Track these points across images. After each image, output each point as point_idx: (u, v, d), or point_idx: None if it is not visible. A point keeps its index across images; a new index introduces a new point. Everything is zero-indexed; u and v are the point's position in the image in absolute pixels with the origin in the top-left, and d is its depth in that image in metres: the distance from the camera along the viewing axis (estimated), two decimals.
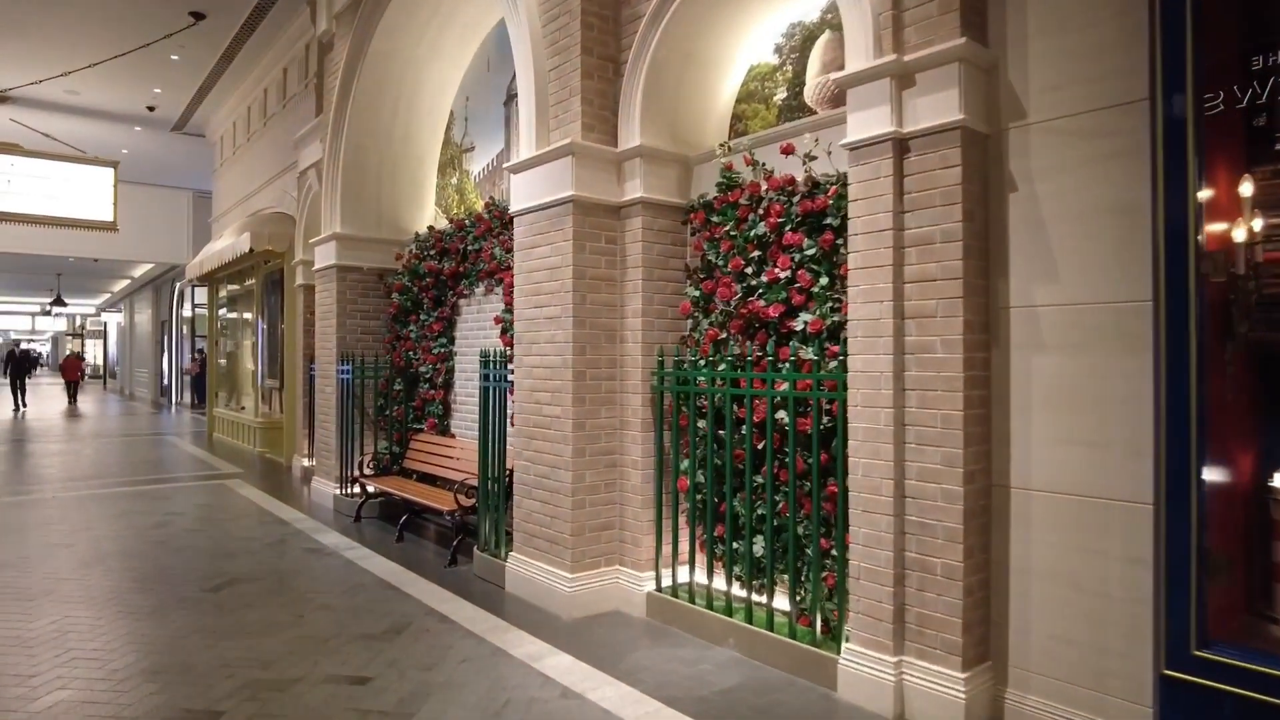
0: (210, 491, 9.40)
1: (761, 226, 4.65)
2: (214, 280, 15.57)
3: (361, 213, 8.54)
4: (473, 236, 7.27)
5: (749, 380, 4.42)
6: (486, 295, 7.29)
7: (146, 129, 16.14)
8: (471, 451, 7.14)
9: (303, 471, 10.38)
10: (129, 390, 32.24)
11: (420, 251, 8.05)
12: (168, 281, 24.88)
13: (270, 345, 13.39)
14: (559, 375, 5.10)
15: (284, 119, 12.14)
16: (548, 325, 5.21)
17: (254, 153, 13.69)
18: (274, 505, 8.55)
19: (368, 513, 7.86)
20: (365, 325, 8.57)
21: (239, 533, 7.25)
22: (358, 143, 8.37)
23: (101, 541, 6.90)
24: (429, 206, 8.92)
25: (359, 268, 8.51)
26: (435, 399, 7.89)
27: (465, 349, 7.63)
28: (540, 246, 5.28)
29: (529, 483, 5.37)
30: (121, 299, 33.47)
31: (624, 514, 5.16)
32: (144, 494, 9.17)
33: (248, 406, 14.21)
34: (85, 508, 8.34)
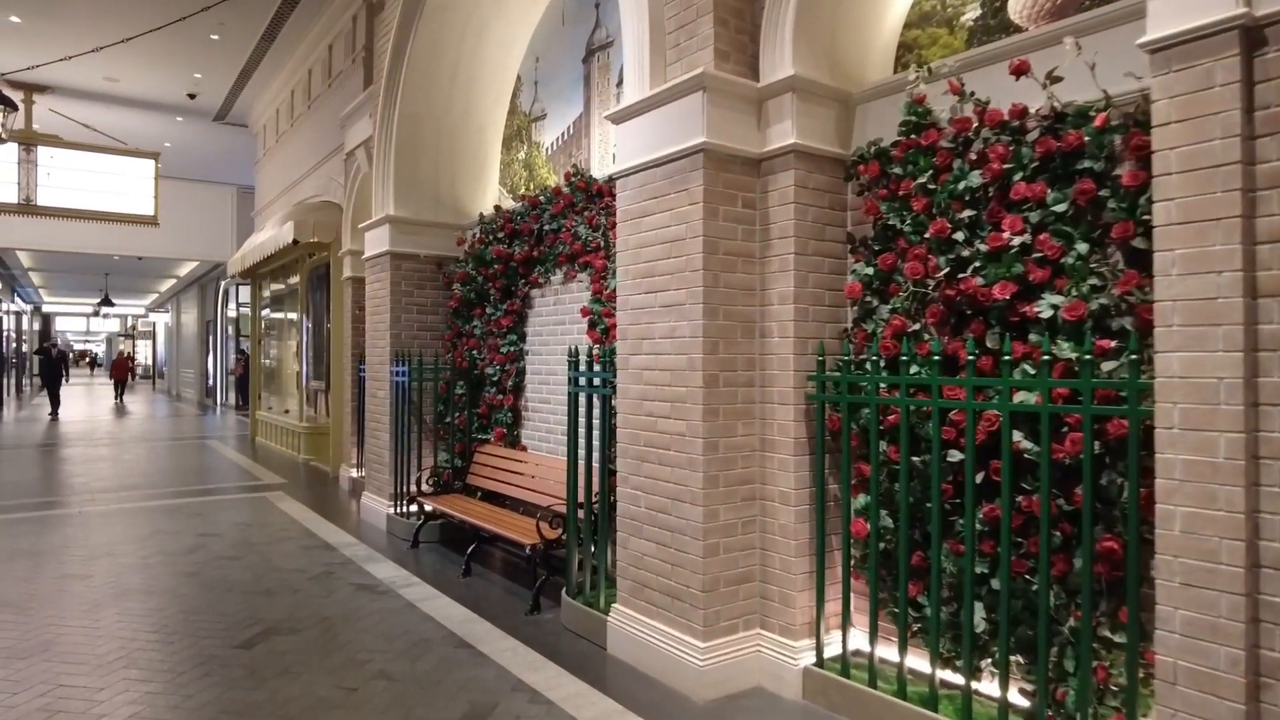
0: (250, 506, 8.32)
1: (975, 177, 3.36)
2: (256, 276, 14.62)
3: (417, 193, 7.38)
4: (549, 214, 6.07)
5: (969, 389, 3.13)
6: (566, 283, 6.08)
7: (188, 119, 15.24)
8: (548, 469, 5.94)
9: (351, 484, 9.27)
10: (176, 391, 31.73)
11: (486, 235, 6.87)
12: (212, 280, 24.16)
13: (315, 344, 12.35)
14: (683, 380, 3.85)
15: (329, 100, 11.08)
16: (665, 315, 3.96)
17: (297, 139, 12.68)
18: (320, 525, 7.43)
19: (426, 536, 6.70)
20: (422, 320, 7.42)
21: (280, 561, 6.13)
22: (412, 113, 7.21)
23: (122, 572, 5.81)
24: (492, 186, 7.74)
25: (415, 255, 7.35)
26: (503, 405, 6.70)
27: (539, 347, 6.43)
28: (655, 214, 4.04)
29: (639, 517, 4.14)
30: (168, 299, 33.00)
31: (768, 563, 3.90)
32: (178, 509, 8.12)
33: (292, 410, 13.20)
34: (111, 526, 7.30)
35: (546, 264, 6.19)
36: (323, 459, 11.35)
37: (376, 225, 7.47)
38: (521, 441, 6.64)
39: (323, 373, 12.36)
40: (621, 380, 4.27)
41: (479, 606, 5.08)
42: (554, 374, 6.24)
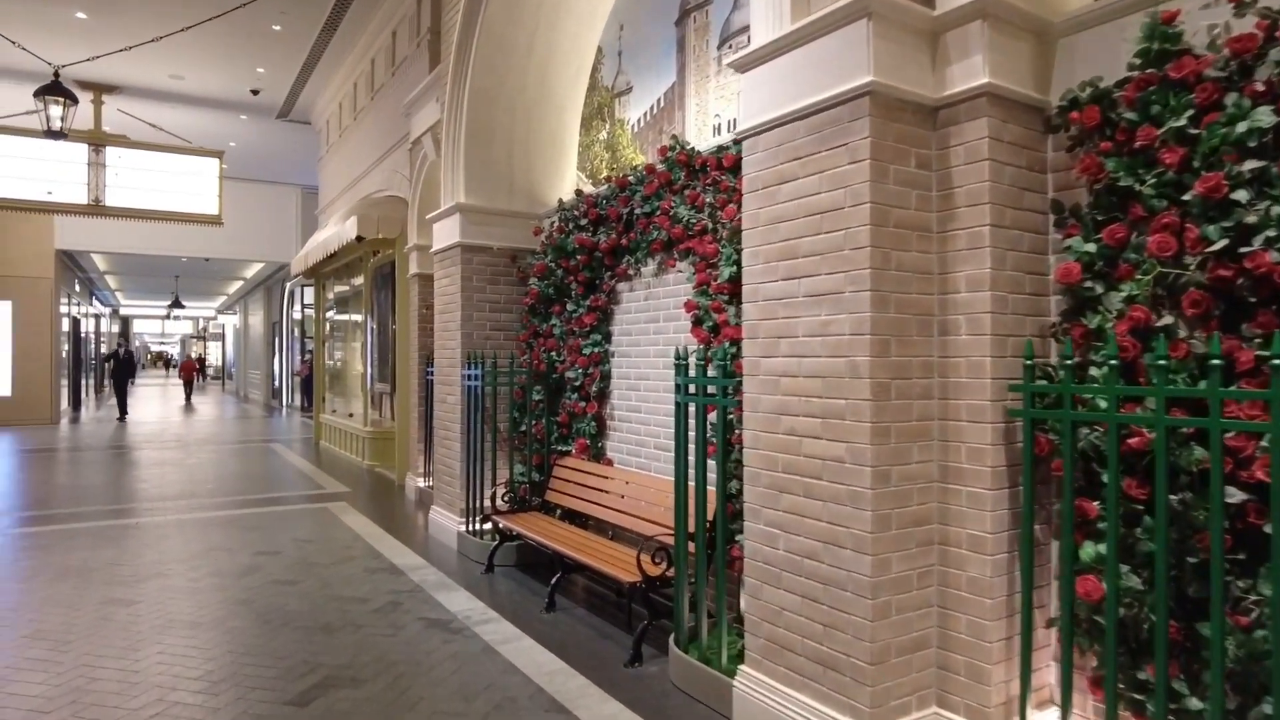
0: (312, 520, 7.70)
1: (1265, 114, 2.43)
2: (320, 276, 14.16)
3: (489, 180, 6.64)
4: (640, 196, 5.25)
5: (1277, 405, 2.19)
6: (661, 274, 5.25)
7: (252, 117, 14.88)
8: (640, 488, 5.12)
9: (418, 494, 8.61)
10: (243, 392, 31.92)
11: (566, 223, 6.08)
12: (278, 282, 24.03)
13: (380, 345, 11.77)
14: (840, 390, 2.99)
15: (393, 89, 10.46)
16: (814, 307, 3.10)
17: (360, 133, 12.13)
18: (385, 543, 6.74)
19: (502, 559, 5.95)
20: (495, 319, 6.67)
21: (342, 587, 5.43)
22: (484, 90, 6.48)
23: (170, 597, 5.18)
24: (570, 170, 6.97)
25: (487, 247, 6.61)
26: (585, 413, 5.90)
27: (627, 348, 5.62)
28: (799, 179, 3.18)
29: (776, 561, 3.28)
30: (236, 301, 33.25)
31: (950, 625, 3.00)
32: (237, 522, 7.53)
33: (356, 414, 12.67)
34: (166, 541, 6.72)
35: (637, 253, 5.37)
36: (388, 465, 10.75)
37: (445, 215, 6.76)
38: (607, 454, 5.83)
39: (387, 375, 11.78)
40: (750, 389, 3.42)
41: (568, 652, 4.28)
42: (645, 379, 5.42)
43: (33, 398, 17.78)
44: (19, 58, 11.82)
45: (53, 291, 18.02)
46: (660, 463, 5.24)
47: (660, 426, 5.25)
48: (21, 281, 17.63)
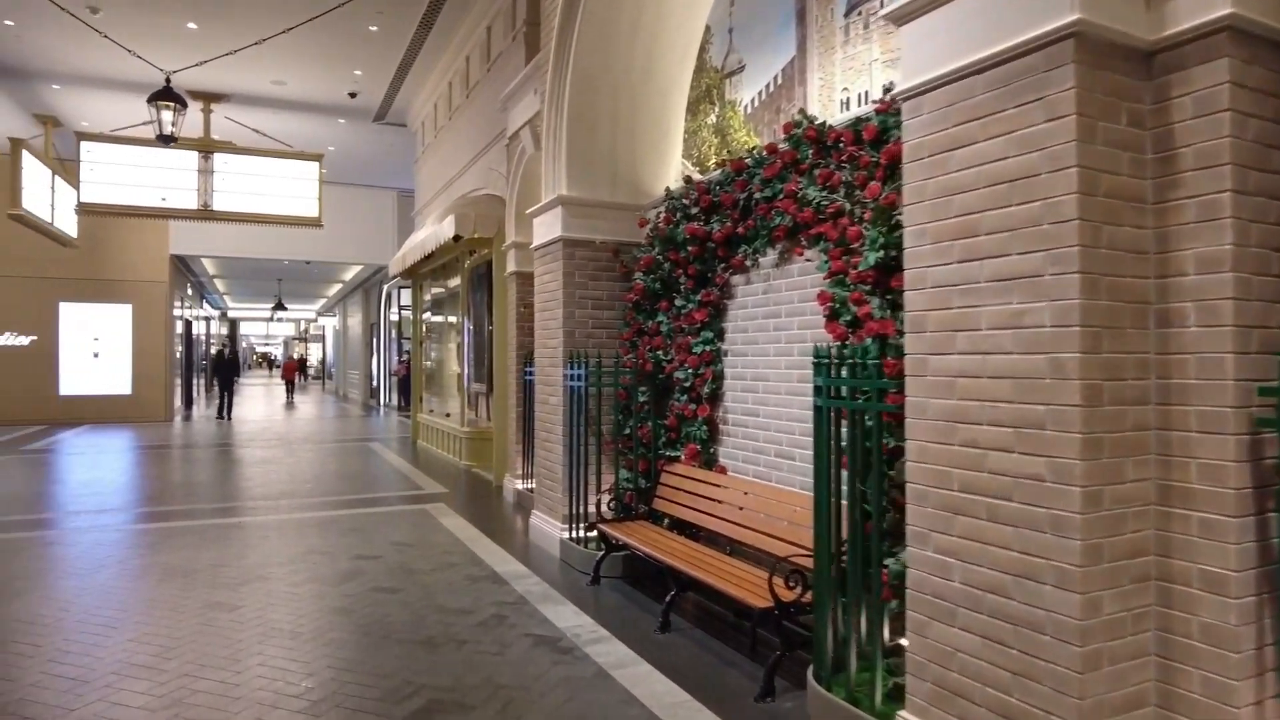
0: (411, 521, 7.53)
1: None
2: (417, 277, 14.19)
3: (592, 170, 6.30)
4: (760, 180, 4.79)
5: None
6: (783, 264, 4.78)
7: (350, 121, 15.06)
8: (760, 499, 4.68)
9: (516, 496, 8.37)
10: (343, 391, 32.79)
11: (675, 212, 5.68)
12: (375, 285, 24.50)
13: (476, 345, 11.65)
14: (1039, 393, 2.48)
15: (489, 85, 10.29)
16: (1002, 294, 2.60)
17: (455, 132, 12.04)
18: (486, 548, 6.48)
19: (608, 569, 5.58)
20: (597, 316, 6.33)
21: (444, 597, 5.17)
22: (587, 78, 6.14)
23: (271, 604, 5.01)
24: (674, 159, 6.57)
25: (590, 241, 6.27)
26: (696, 416, 5.48)
27: (743, 346, 5.18)
28: (978, 143, 2.68)
29: (949, 595, 2.79)
30: (335, 303, 34.21)
31: (1177, 682, 2.45)
32: (336, 523, 7.42)
33: (453, 413, 12.61)
34: (268, 542, 6.64)
35: (755, 242, 4.92)
36: (485, 466, 10.59)
37: (546, 209, 6.45)
38: (719, 461, 5.40)
39: (484, 375, 11.65)
40: (914, 391, 2.93)
41: (690, 680, 3.87)
42: (764, 379, 4.96)
43: (149, 396, 18.53)
44: (134, 71, 12.20)
45: (167, 295, 18.75)
46: (782, 472, 4.78)
47: (782, 432, 4.79)
48: (140, 286, 18.39)
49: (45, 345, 17.78)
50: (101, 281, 18.12)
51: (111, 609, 4.92)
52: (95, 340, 18.30)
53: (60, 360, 17.91)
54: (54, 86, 13.40)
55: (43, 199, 13.57)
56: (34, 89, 13.43)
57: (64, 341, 17.97)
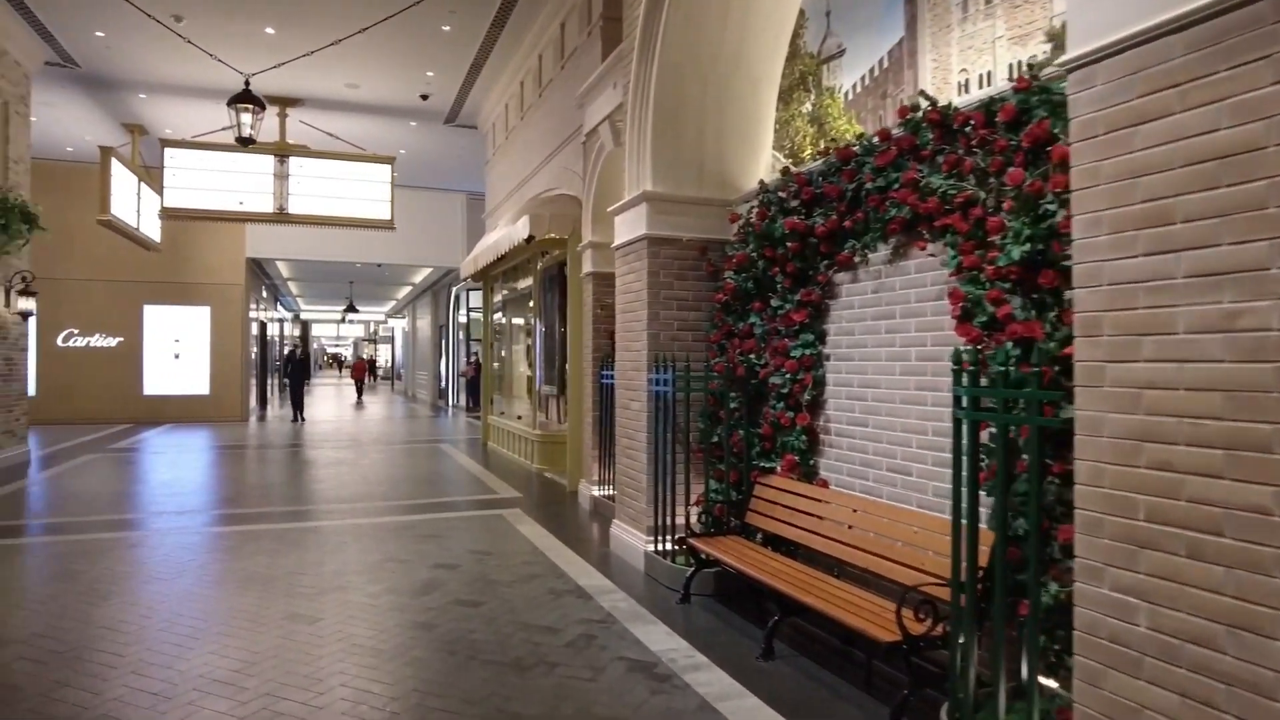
0: (486, 528, 7.33)
1: None
2: (488, 279, 14.10)
3: (679, 164, 6.00)
4: (871, 168, 4.42)
5: None
6: (898, 260, 4.39)
7: (421, 123, 15.07)
8: (872, 517, 4.31)
9: (593, 503, 8.12)
10: (411, 392, 33.22)
11: (770, 206, 5.32)
12: (444, 287, 24.69)
13: (548, 348, 11.47)
14: (1263, 410, 2.07)
15: (563, 83, 10.09)
16: (1204, 291, 2.19)
17: (528, 132, 11.88)
18: (566, 558, 6.23)
19: (698, 586, 5.26)
20: (683, 318, 6.02)
21: (527, 613, 4.92)
22: (674, 67, 5.83)
23: (351, 616, 4.82)
24: (764, 152, 6.23)
25: (676, 239, 5.97)
26: (793, 425, 5.11)
27: (848, 349, 4.80)
28: (1174, 115, 2.26)
29: (1134, 642, 2.38)
30: (405, 305, 34.68)
31: None
32: (412, 528, 7.27)
33: (524, 416, 12.46)
34: (344, 549, 6.50)
35: (866, 236, 4.54)
36: (558, 470, 10.38)
37: (629, 206, 6.17)
38: (820, 474, 5.03)
39: (554, 377, 11.47)
40: (1087, 404, 2.53)
41: (804, 718, 3.52)
42: (874, 386, 4.58)
43: (226, 396, 18.92)
44: (215, 78, 12.37)
45: (243, 297, 19.12)
46: (896, 488, 4.39)
47: (896, 444, 4.40)
48: (218, 288, 18.80)
49: (131, 346, 18.32)
50: (182, 284, 18.59)
51: (193, 617, 4.80)
52: (176, 342, 18.79)
53: (144, 361, 18.43)
54: (140, 96, 13.71)
55: (129, 205, 13.91)
56: (122, 98, 13.76)
57: (148, 343, 18.48)
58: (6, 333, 11.29)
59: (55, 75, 12.67)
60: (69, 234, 17.29)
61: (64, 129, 15.41)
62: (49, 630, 4.56)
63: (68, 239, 17.34)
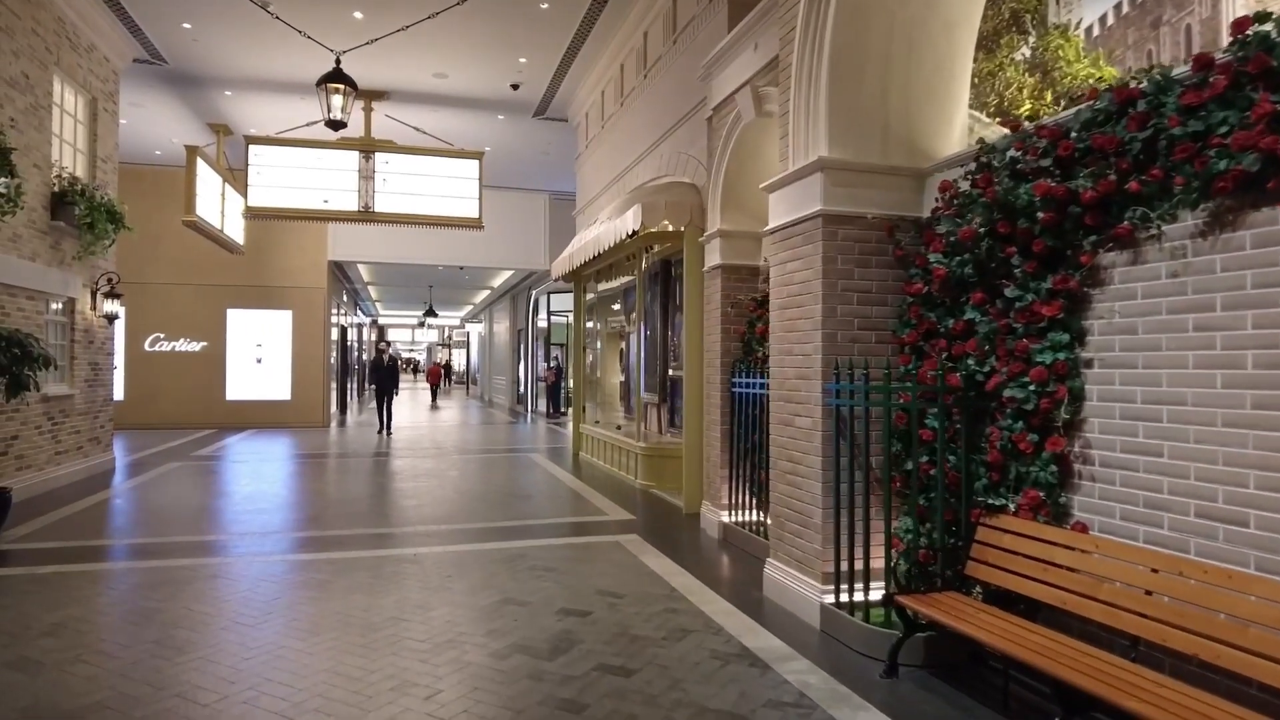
0: (608, 559, 6.28)
1: None
2: (580, 279, 13.13)
3: (859, 126, 4.85)
4: (1177, 107, 3.21)
5: None
6: (1220, 233, 3.16)
7: (508, 117, 14.22)
8: (1183, 581, 3.08)
9: (722, 530, 6.99)
10: (488, 397, 32.63)
11: (1002, 171, 4.12)
12: (524, 290, 23.92)
13: (650, 352, 10.41)
14: None
15: (673, 61, 9.03)
16: None
17: (629, 118, 10.86)
18: (714, 605, 5.12)
19: (906, 655, 4.09)
20: (864, 315, 4.85)
21: (695, 688, 3.81)
22: (856, 9, 4.69)
23: (476, 690, 3.79)
24: (959, 111, 5.04)
25: (859, 217, 4.82)
26: (1038, 452, 3.90)
27: (1128, 352, 3.57)
28: None
29: None
30: (482, 310, 34.16)
31: None
32: (523, 558, 6.26)
33: (624, 426, 11.44)
34: (450, 586, 5.50)
35: (1167, 200, 3.32)
36: (667, 488, 9.30)
37: (795, 178, 5.03)
38: (1075, 516, 3.81)
39: (655, 384, 10.41)
40: None
41: None
42: (1174, 402, 3.35)
43: (307, 402, 18.41)
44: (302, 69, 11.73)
45: (325, 301, 18.61)
46: (1215, 542, 3.15)
47: (1216, 483, 3.16)
48: (300, 292, 18.32)
49: (215, 351, 17.95)
50: (265, 288, 18.16)
51: (282, 683, 3.84)
52: (258, 346, 18.37)
53: (228, 365, 18.05)
54: (226, 93, 13.18)
55: (213, 205, 13.39)
56: (208, 95, 13.26)
57: (231, 347, 18.10)
58: (93, 337, 10.76)
59: (143, 74, 12.20)
60: (154, 237, 17.03)
61: (151, 131, 15.05)
62: (114, 699, 3.65)
63: (153, 242, 17.08)
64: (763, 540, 6.25)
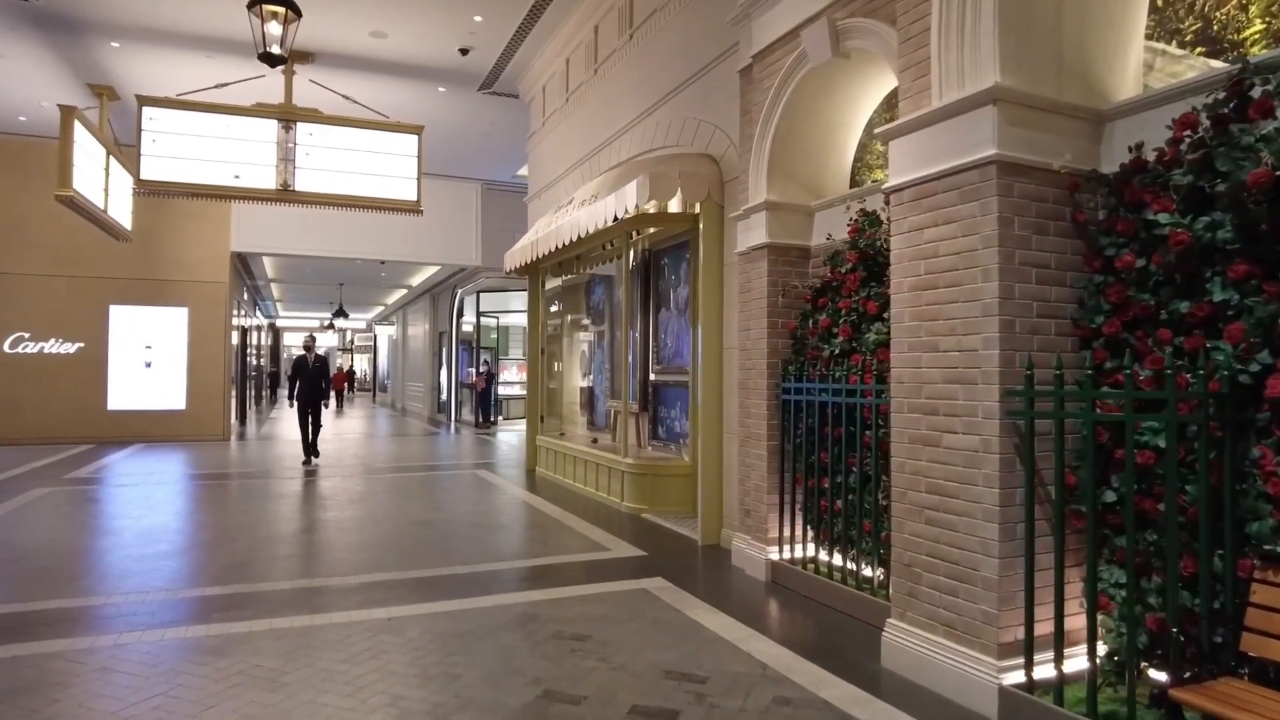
0: (643, 615, 4.84)
1: None
2: (538, 271, 11.58)
3: (1031, 50, 3.62)
4: None
5: None
6: None
7: (451, 89, 12.54)
8: None
9: (771, 572, 5.65)
10: (400, 405, 30.29)
11: None
12: (447, 289, 21.99)
13: (615, 353, 9.01)
14: None
15: (673, 15, 7.69)
16: None
17: (609, 85, 9.44)
18: (831, 686, 3.75)
19: None
20: (1041, 297, 3.60)
21: None
22: None
23: None
24: (1135, 43, 3.90)
25: (1042, 168, 3.58)
26: None
27: None
28: None
29: None
30: (394, 311, 31.78)
31: None
32: (534, 620, 4.75)
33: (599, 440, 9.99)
34: (453, 679, 3.97)
35: None
36: (662, 511, 7.92)
37: (950, 114, 3.73)
38: None
39: (635, 390, 9.03)
40: None
41: None
42: None
43: (205, 412, 16.04)
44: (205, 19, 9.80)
45: (227, 298, 16.30)
46: None
47: None
48: (197, 287, 15.95)
49: (94, 353, 15.35)
50: (156, 282, 15.70)
51: None
52: (148, 348, 15.87)
53: (110, 370, 15.49)
54: (112, 44, 10.98)
55: (95, 181, 11.16)
56: (88, 47, 11.02)
57: (114, 349, 15.55)
58: None
59: (5, 14, 9.94)
60: (21, 221, 14.45)
61: (14, 90, 12.55)
62: None
63: (19, 226, 14.49)
64: (831, 583, 4.96)
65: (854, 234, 5.08)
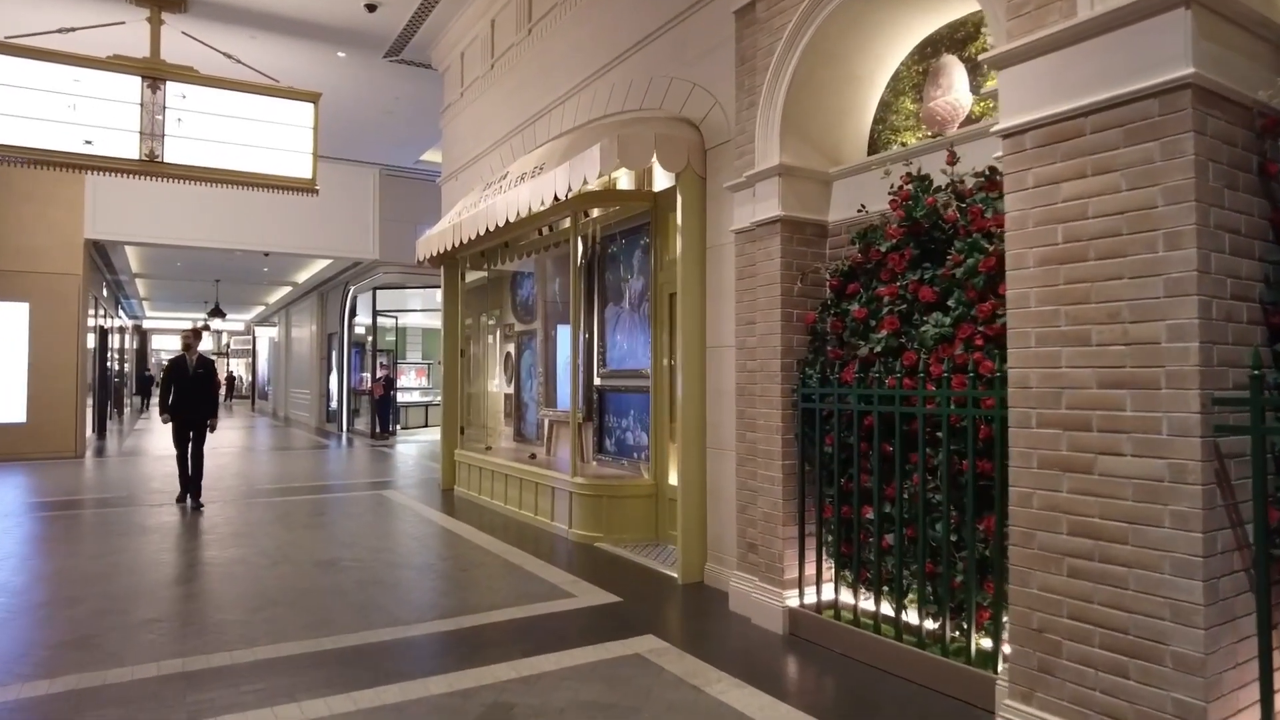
0: (656, 699, 3.67)
1: None
2: (455, 262, 10.19)
3: None
4: None
5: None
6: None
7: (353, 55, 10.98)
8: None
9: (790, 621, 4.57)
10: (283, 413, 27.74)
11: None
12: (338, 286, 20.03)
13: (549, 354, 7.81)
14: None
15: None
16: None
17: (543, 46, 8.21)
18: None
19: None
20: (1233, 271, 2.70)
21: None
22: None
23: None
24: None
25: (1236, 100, 2.66)
26: None
27: None
28: None
29: None
30: (276, 311, 29.15)
31: None
32: (501, 713, 3.52)
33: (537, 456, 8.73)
34: None
35: None
36: (619, 540, 6.77)
37: (1127, 20, 2.77)
38: None
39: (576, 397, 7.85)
40: None
41: None
42: None
43: (53, 425, 13.70)
44: None
45: (80, 293, 14.00)
46: None
47: None
48: (42, 279, 13.61)
49: None
50: None
51: None
52: None
53: None
54: None
55: None
56: None
57: None
58: None
59: None
60: None
61: None
62: None
63: None
64: (884, 641, 3.95)
65: (905, 200, 4.08)
